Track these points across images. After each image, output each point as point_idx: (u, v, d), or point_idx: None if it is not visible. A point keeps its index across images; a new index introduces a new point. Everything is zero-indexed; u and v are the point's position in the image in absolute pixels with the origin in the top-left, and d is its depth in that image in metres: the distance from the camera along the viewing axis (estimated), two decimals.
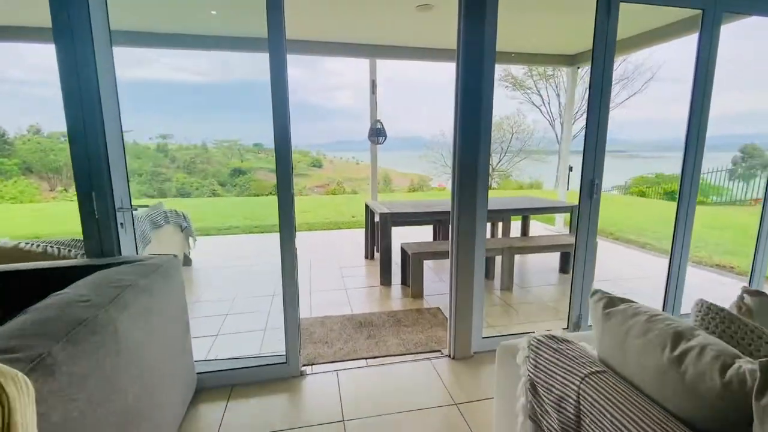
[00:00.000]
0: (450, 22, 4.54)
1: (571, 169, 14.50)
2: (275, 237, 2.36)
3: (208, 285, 4.25)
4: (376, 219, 4.46)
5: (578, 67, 6.19)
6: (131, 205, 2.28)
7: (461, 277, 2.60)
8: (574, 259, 2.80)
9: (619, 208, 9.45)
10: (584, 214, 2.75)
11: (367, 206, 5.00)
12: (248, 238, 6.45)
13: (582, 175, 2.69)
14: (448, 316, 2.81)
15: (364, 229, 5.19)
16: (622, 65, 13.93)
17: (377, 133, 5.29)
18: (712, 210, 10.04)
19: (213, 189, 31.91)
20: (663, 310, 3.11)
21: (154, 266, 1.90)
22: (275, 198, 2.25)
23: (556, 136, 15.93)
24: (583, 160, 2.68)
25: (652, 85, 14.41)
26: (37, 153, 32.88)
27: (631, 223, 7.78)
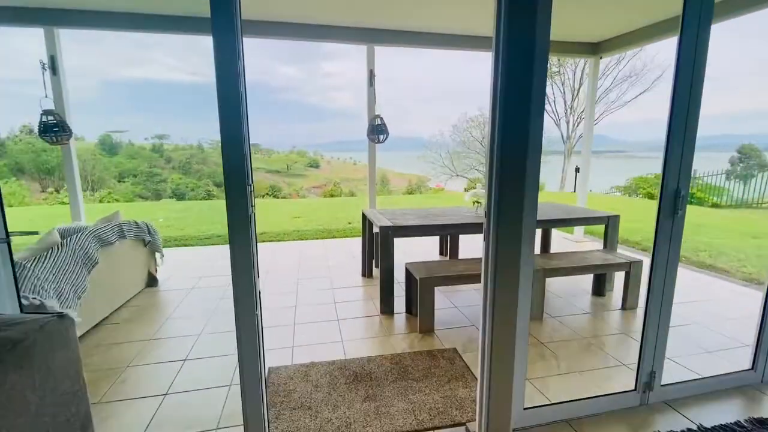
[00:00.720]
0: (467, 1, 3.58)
1: (577, 170, 13.83)
2: (263, 249, 1.58)
3: (173, 313, 3.44)
4: (375, 230, 3.68)
5: (601, 57, 5.42)
6: (7, 234, 1.48)
7: (499, 318, 1.80)
8: (648, 294, 2.03)
9: (636, 213, 8.70)
10: (663, 235, 1.97)
11: (364, 216, 4.21)
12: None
13: (663, 185, 1.91)
14: (478, 375, 2.04)
15: (360, 239, 4.40)
16: (630, 62, 13.20)
17: (377, 131, 4.49)
18: (731, 214, 9.31)
19: (208, 190, 31.11)
20: (755, 357, 2.35)
21: (4, 345, 1.11)
22: (266, 201, 1.49)
23: (562, 136, 15.14)
24: (664, 163, 1.90)
25: (653, 85, 13.68)
26: (29, 153, 31.98)
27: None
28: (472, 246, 5.11)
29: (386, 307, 3.34)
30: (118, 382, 2.39)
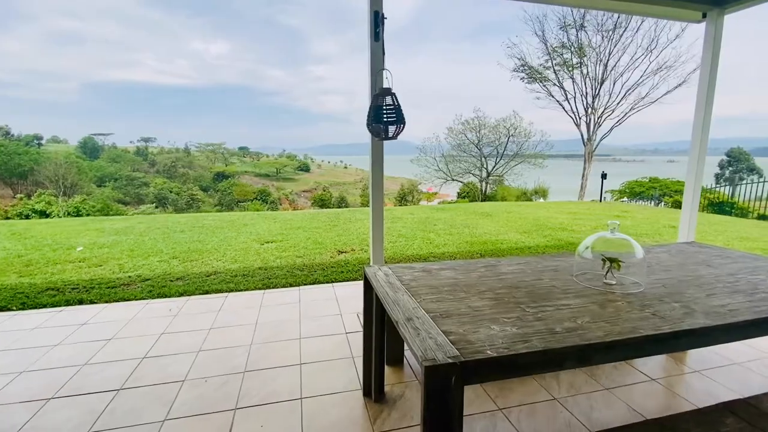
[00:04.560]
0: None
1: (604, 176, 11.75)
2: (205, 306, 0.12)
3: None
4: (389, 309, 1.46)
5: (726, 11, 3.30)
6: None
7: None
8: None
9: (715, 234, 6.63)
10: None
11: (367, 280, 2.00)
12: (147, 313, 3.33)
13: None
14: None
15: (362, 295, 2.18)
16: (664, 52, 11.18)
17: (386, 117, 2.25)
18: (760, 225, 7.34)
19: (192, 194, 28.38)
20: None
21: None
22: (242, 214, 0.09)
23: (582, 138, 12.97)
24: None
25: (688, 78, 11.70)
26: (1, 156, 28.74)
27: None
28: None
29: None
30: None
